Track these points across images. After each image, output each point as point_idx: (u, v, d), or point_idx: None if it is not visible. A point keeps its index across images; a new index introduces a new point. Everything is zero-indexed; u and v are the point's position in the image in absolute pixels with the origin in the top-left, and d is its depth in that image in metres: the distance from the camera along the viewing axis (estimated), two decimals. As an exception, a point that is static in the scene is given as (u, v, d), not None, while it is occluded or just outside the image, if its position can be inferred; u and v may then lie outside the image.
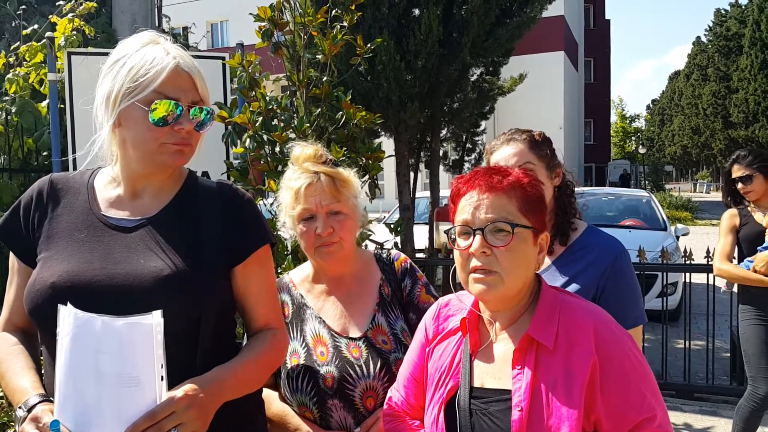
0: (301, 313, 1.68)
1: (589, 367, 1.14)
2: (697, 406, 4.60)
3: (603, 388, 1.15)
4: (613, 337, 1.20)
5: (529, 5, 6.00)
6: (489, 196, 1.22)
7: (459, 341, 1.32)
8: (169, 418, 1.09)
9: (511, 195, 1.22)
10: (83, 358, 1.09)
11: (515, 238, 1.19)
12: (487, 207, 1.21)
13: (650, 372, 1.22)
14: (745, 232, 3.43)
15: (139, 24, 4.73)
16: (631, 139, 58.98)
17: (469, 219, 1.22)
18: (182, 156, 1.31)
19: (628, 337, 1.23)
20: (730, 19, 44.61)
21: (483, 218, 1.21)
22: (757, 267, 3.23)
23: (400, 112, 5.46)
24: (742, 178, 3.42)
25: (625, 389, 1.16)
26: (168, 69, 1.25)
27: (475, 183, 1.25)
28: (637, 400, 1.16)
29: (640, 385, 1.18)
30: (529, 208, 1.23)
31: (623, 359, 1.18)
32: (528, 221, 1.22)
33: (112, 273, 1.23)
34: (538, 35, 16.94)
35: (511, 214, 1.21)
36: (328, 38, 3.00)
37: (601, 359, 1.15)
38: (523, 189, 1.23)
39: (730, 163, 3.55)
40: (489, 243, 1.19)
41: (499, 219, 1.20)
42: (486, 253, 1.19)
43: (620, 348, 1.19)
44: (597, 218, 8.42)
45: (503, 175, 1.24)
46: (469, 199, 1.24)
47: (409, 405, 1.42)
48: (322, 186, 1.60)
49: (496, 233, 1.20)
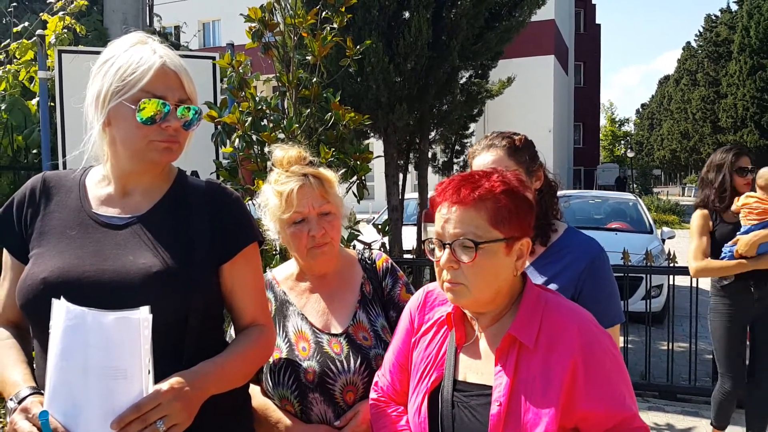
0: (284, 309, 1.71)
1: (569, 366, 1.18)
2: (679, 406, 4.67)
3: (585, 387, 1.18)
4: (595, 338, 1.23)
5: (518, 9, 6.07)
6: (457, 209, 1.23)
7: (446, 333, 1.36)
8: (154, 410, 1.12)
9: (480, 208, 1.21)
10: (73, 351, 1.12)
11: (481, 253, 1.20)
12: (455, 222, 1.22)
13: (626, 371, 1.26)
14: (720, 231, 3.48)
15: (130, 22, 4.74)
16: (620, 143, 59.37)
17: (440, 232, 1.25)
18: (170, 153, 1.33)
19: (609, 338, 1.26)
20: (720, 25, 45.01)
21: (450, 233, 1.22)
22: (740, 250, 3.29)
23: (389, 113, 5.51)
24: (753, 169, 3.43)
25: (607, 388, 1.19)
26: (154, 68, 1.28)
27: (446, 195, 1.26)
28: (618, 400, 1.19)
29: (620, 385, 1.21)
30: (502, 219, 1.21)
31: (605, 360, 1.21)
32: (500, 233, 1.21)
33: (102, 269, 1.26)
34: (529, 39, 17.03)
35: (480, 228, 1.21)
36: (318, 39, 3.04)
37: (584, 359, 1.19)
38: (495, 200, 1.21)
39: (737, 153, 3.49)
40: (456, 257, 1.21)
41: (464, 235, 1.20)
42: (454, 267, 1.22)
43: (602, 349, 1.22)
44: (584, 221, 8.50)
45: (473, 187, 1.23)
46: (440, 212, 1.26)
47: (394, 390, 1.46)
48: (312, 188, 1.63)
49: (464, 248, 1.21)
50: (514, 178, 1.29)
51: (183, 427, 1.16)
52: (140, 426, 1.10)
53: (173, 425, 1.14)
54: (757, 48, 36.31)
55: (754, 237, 3.26)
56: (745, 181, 3.46)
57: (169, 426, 1.13)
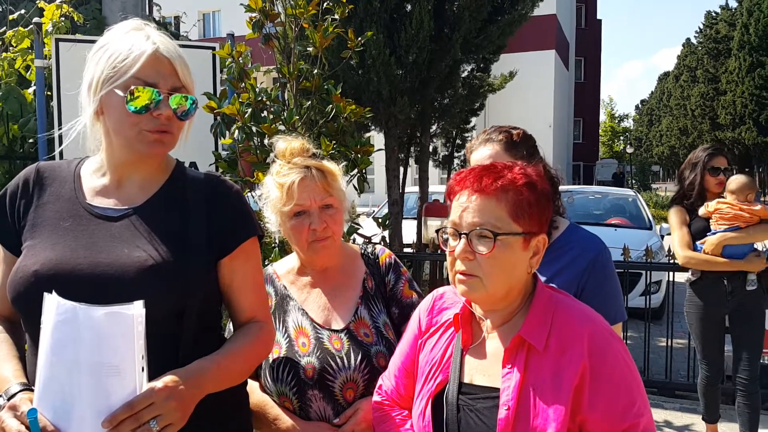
0: (284, 304, 1.68)
1: (579, 370, 1.14)
2: (677, 403, 4.66)
3: (592, 392, 1.15)
4: (606, 343, 1.19)
5: (520, 2, 6.02)
6: (478, 198, 1.19)
7: (452, 335, 1.32)
8: (148, 409, 1.09)
9: (500, 198, 1.18)
10: (64, 346, 1.09)
11: (498, 245, 1.16)
12: (474, 211, 1.19)
13: (639, 377, 1.22)
14: (695, 227, 3.60)
15: (129, 12, 4.68)
16: (619, 139, 59.38)
17: (456, 222, 1.21)
18: (161, 145, 1.29)
19: (621, 343, 1.23)
20: (720, 22, 44.92)
21: (468, 222, 1.19)
22: (707, 250, 3.47)
23: (390, 106, 5.47)
24: (726, 169, 3.54)
25: (615, 395, 1.16)
26: (146, 54, 1.24)
27: (466, 183, 1.22)
28: (626, 406, 1.16)
29: (632, 391, 1.18)
30: (522, 212, 1.18)
31: (615, 365, 1.17)
32: (519, 226, 1.18)
33: (95, 262, 1.22)
34: (530, 34, 16.97)
35: (499, 220, 1.17)
36: (319, 31, 3.00)
37: (592, 364, 1.15)
38: (517, 192, 1.18)
39: (711, 153, 3.59)
40: (473, 248, 1.18)
41: (483, 225, 1.17)
42: (469, 258, 1.18)
43: (613, 354, 1.18)
44: (584, 216, 8.48)
45: (495, 177, 1.20)
46: (459, 200, 1.23)
47: (398, 394, 1.43)
48: (315, 181, 1.59)
49: (481, 238, 1.17)
50: (535, 172, 1.26)
51: (177, 427, 1.13)
52: (133, 425, 1.07)
53: (167, 425, 1.11)
54: (756, 45, 36.27)
55: (721, 238, 3.43)
56: (716, 181, 3.57)
57: (163, 426, 1.10)
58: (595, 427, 1.15)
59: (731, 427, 3.88)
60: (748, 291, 3.48)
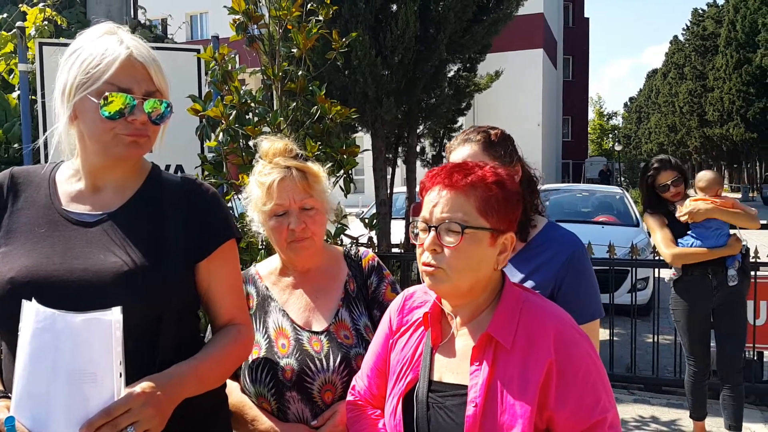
0: (266, 305, 1.68)
1: (545, 366, 1.16)
2: (664, 399, 4.71)
3: (559, 389, 1.16)
4: (572, 339, 1.21)
5: (505, 2, 6.05)
6: (448, 193, 1.22)
7: (422, 334, 1.34)
8: (125, 415, 1.09)
9: (470, 194, 1.21)
10: (42, 353, 1.09)
11: (465, 239, 1.19)
12: (444, 205, 1.22)
13: (605, 374, 1.25)
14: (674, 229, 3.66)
15: (114, 14, 4.66)
16: (608, 137, 59.70)
17: (427, 216, 1.24)
18: (137, 147, 1.29)
19: (588, 342, 1.25)
20: (707, 19, 45.27)
21: (438, 217, 1.22)
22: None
23: (376, 107, 5.48)
24: (675, 181, 3.62)
25: (581, 391, 1.18)
26: (120, 59, 1.23)
27: (437, 179, 1.25)
28: (593, 402, 1.18)
29: (597, 387, 1.20)
30: (491, 209, 1.21)
31: (581, 362, 1.20)
32: (487, 222, 1.21)
33: (71, 268, 1.22)
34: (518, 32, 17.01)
35: (468, 215, 1.20)
36: (303, 32, 3.00)
37: (558, 361, 1.17)
38: (486, 188, 1.22)
39: (654, 171, 3.69)
40: (441, 241, 1.21)
41: (451, 219, 1.20)
42: (436, 250, 1.21)
43: (579, 352, 1.20)
44: (571, 214, 8.54)
45: (466, 173, 1.23)
46: (430, 196, 1.26)
47: (371, 394, 1.44)
48: (295, 181, 1.60)
49: (449, 232, 1.20)
50: (505, 173, 1.29)
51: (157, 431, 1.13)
52: (110, 431, 1.07)
53: (144, 431, 1.11)
54: (743, 42, 36.60)
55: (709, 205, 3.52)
56: (670, 194, 3.65)
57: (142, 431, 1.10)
58: (562, 424, 1.17)
59: (716, 421, 3.92)
60: (730, 286, 3.54)
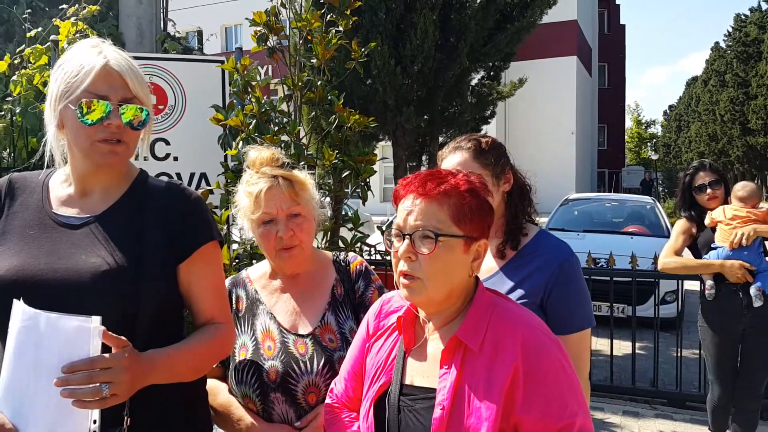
0: (254, 308, 1.72)
1: (512, 370, 1.17)
2: (688, 415, 4.57)
3: (526, 393, 1.17)
4: (541, 344, 1.21)
5: (528, 10, 6.02)
6: (421, 202, 1.24)
7: (396, 338, 1.36)
8: (105, 371, 1.14)
9: (443, 202, 1.23)
10: (25, 351, 1.18)
11: (440, 246, 1.20)
12: (418, 213, 1.23)
13: (576, 378, 1.24)
14: (704, 238, 3.58)
15: (144, 27, 4.83)
16: (646, 145, 58.48)
17: (401, 224, 1.26)
18: (115, 155, 1.35)
19: (557, 345, 1.25)
20: (749, 25, 44.03)
21: (412, 225, 1.23)
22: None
23: (397, 116, 5.52)
24: (713, 182, 3.53)
25: (548, 396, 1.18)
26: (96, 69, 1.31)
27: (411, 188, 1.27)
28: (560, 407, 1.18)
29: (564, 392, 1.19)
30: (464, 217, 1.23)
31: (549, 367, 1.20)
32: (460, 229, 1.23)
33: (55, 268, 1.29)
34: (551, 40, 16.84)
35: (441, 222, 1.22)
36: (322, 43, 3.07)
37: (525, 366, 1.18)
38: (459, 197, 1.24)
39: (693, 170, 3.63)
40: (415, 249, 1.22)
41: (425, 227, 1.21)
42: (411, 258, 1.22)
43: (546, 355, 1.20)
44: (599, 224, 8.39)
45: (439, 182, 1.25)
46: (404, 204, 1.27)
47: (348, 397, 1.47)
48: (281, 190, 1.64)
49: (423, 240, 1.22)
50: (478, 181, 1.31)
51: (120, 400, 1.18)
52: (86, 381, 1.13)
53: (113, 394, 1.15)
54: (788, 48, 35.44)
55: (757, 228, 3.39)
56: (706, 197, 3.56)
57: (111, 394, 1.15)
58: (529, 427, 1.17)
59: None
60: (755, 308, 3.40)
